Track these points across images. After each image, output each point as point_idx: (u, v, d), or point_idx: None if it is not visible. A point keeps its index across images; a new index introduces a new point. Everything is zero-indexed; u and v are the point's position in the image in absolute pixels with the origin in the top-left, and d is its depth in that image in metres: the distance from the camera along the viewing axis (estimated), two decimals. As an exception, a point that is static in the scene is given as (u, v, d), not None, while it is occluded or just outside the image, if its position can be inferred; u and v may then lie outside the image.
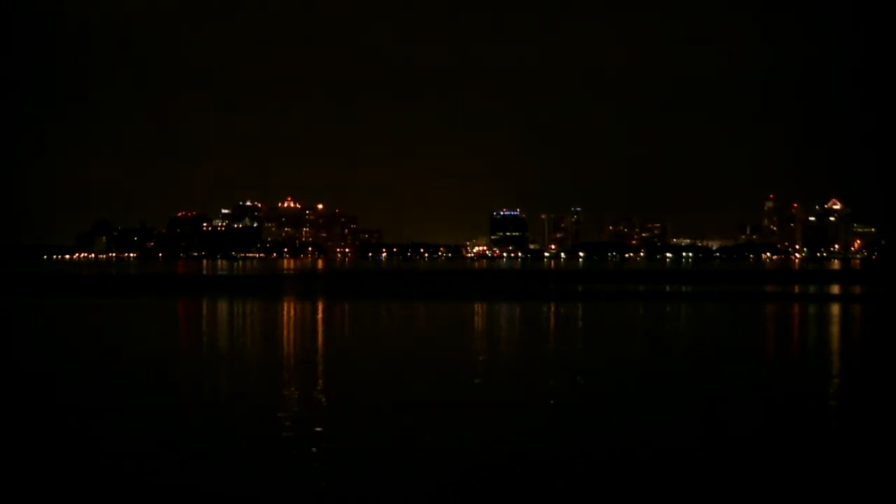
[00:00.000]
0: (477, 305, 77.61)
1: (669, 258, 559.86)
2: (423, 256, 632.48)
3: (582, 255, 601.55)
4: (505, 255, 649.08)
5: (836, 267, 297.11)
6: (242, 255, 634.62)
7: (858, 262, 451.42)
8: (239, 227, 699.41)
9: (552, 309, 73.29)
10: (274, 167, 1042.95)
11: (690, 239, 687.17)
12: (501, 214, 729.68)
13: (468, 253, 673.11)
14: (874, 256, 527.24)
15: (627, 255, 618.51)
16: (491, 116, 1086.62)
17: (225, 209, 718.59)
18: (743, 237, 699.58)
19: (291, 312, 69.08)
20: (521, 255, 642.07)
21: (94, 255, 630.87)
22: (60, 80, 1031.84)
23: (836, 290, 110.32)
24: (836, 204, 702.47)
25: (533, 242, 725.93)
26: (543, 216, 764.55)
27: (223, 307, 76.59)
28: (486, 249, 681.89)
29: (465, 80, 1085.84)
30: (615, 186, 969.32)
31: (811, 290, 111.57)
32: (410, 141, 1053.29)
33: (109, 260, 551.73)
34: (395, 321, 62.37)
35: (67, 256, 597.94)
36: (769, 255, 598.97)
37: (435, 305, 78.98)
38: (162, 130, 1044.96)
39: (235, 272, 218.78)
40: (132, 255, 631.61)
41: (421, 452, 21.30)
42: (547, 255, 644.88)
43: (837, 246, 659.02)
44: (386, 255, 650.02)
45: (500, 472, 19.62)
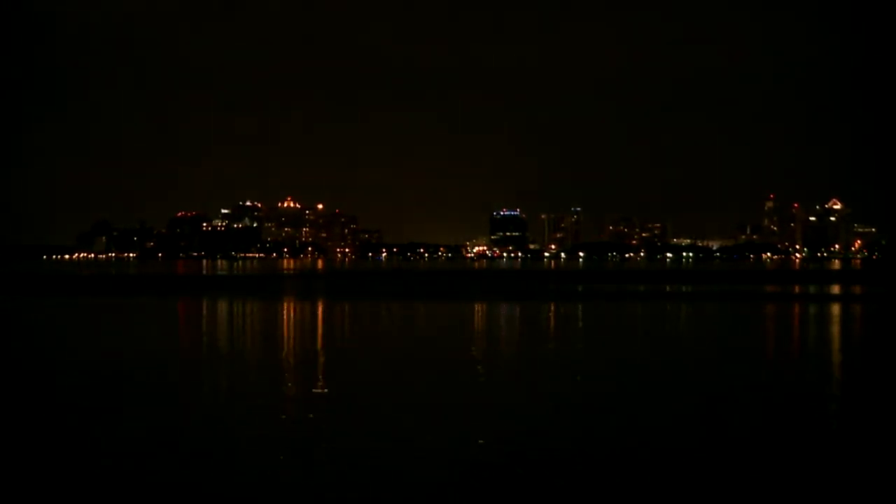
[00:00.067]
0: (477, 305, 77.60)
1: (669, 258, 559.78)
2: (423, 256, 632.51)
3: (582, 255, 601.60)
4: (505, 255, 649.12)
5: (836, 267, 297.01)
6: (242, 255, 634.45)
7: (859, 262, 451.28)
8: (239, 227, 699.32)
9: (552, 309, 73.28)
10: (274, 167, 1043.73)
11: (690, 239, 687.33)
12: (501, 214, 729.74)
13: (468, 253, 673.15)
14: (875, 256, 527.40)
15: (627, 255, 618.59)
16: (491, 116, 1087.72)
17: (225, 209, 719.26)
18: (743, 237, 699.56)
19: (291, 312, 69.08)
20: (521, 255, 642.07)
21: (93, 255, 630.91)
22: (60, 80, 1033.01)
23: (836, 290, 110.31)
24: (836, 204, 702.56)
25: (533, 242, 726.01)
26: (543, 216, 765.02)
27: (223, 307, 76.59)
28: (486, 249, 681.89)
29: (465, 80, 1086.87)
30: (615, 186, 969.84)
31: (811, 290, 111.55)
32: (410, 141, 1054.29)
33: (109, 260, 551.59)
34: (395, 321, 62.37)
35: (67, 256, 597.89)
36: (769, 255, 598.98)
37: (435, 305, 78.97)
38: (162, 130, 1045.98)
39: (235, 272, 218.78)
40: (132, 255, 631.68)
41: (421, 452, 21.29)
42: (547, 255, 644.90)
43: (838, 246, 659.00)
44: (386, 255, 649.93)
45: (500, 472, 19.61)
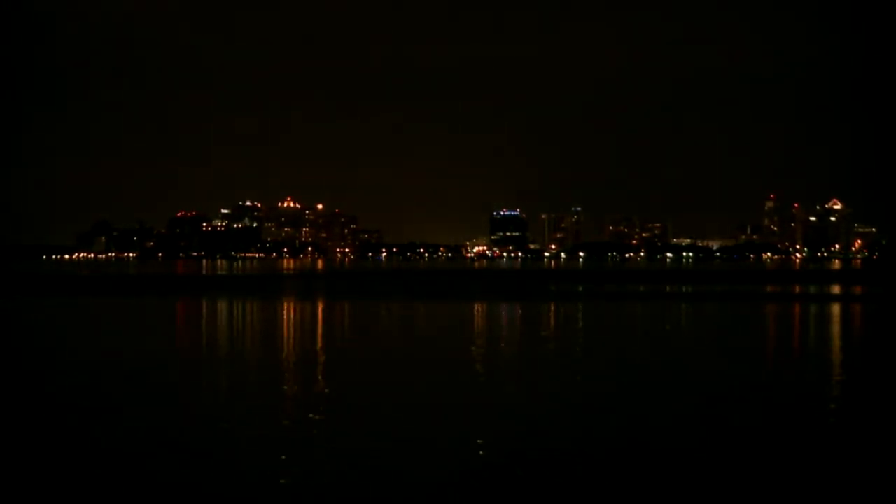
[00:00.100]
0: (477, 305, 77.59)
1: (670, 258, 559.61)
2: (423, 256, 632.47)
3: (582, 255, 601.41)
4: (505, 255, 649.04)
5: (836, 267, 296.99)
6: (242, 255, 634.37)
7: (859, 262, 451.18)
8: (238, 227, 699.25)
9: (552, 309, 73.27)
10: (274, 167, 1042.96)
11: (691, 239, 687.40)
12: (501, 214, 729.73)
13: (468, 253, 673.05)
14: (875, 256, 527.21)
15: (628, 255, 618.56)
16: (491, 116, 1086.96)
17: (225, 209, 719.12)
18: (743, 237, 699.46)
19: (291, 312, 69.08)
20: (521, 255, 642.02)
21: (93, 255, 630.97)
22: (60, 80, 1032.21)
23: (836, 290, 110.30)
24: (836, 204, 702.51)
25: (533, 242, 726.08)
26: (543, 216, 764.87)
27: (223, 307, 76.58)
28: (486, 249, 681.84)
29: (465, 80, 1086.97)
30: (615, 186, 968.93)
31: (812, 290, 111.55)
32: (410, 141, 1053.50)
33: (109, 260, 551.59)
34: (395, 321, 62.36)
35: (67, 256, 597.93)
36: (770, 255, 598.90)
37: (435, 305, 78.96)
38: (162, 130, 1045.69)
39: (235, 272, 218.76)
40: (132, 255, 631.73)
41: (421, 452, 21.30)
42: (547, 255, 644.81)
43: (838, 246, 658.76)
44: (386, 255, 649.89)
45: (500, 472, 19.61)
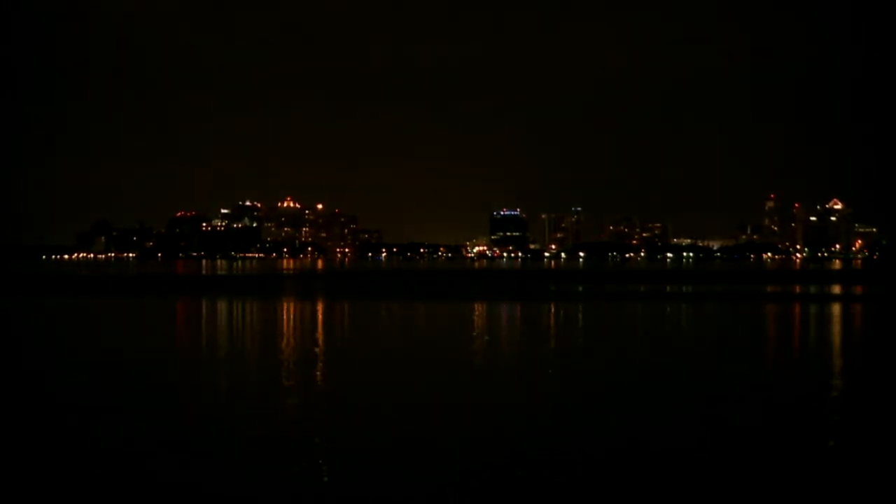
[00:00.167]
0: (477, 305, 77.58)
1: (670, 258, 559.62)
2: (423, 256, 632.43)
3: (582, 255, 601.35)
4: (505, 255, 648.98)
5: (837, 267, 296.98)
6: (242, 255, 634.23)
7: (860, 262, 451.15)
8: (238, 227, 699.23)
9: (552, 309, 73.27)
10: (274, 167, 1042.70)
11: (691, 239, 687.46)
12: (501, 214, 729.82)
13: (468, 253, 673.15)
14: (875, 256, 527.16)
15: (628, 255, 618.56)
16: (491, 116, 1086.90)
17: (224, 209, 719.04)
18: (744, 237, 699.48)
19: (291, 312, 69.07)
20: (521, 255, 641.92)
21: (93, 255, 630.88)
22: (60, 80, 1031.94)
23: (836, 290, 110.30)
24: (837, 204, 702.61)
25: (533, 242, 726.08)
26: (543, 216, 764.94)
27: (223, 307, 76.57)
28: (486, 249, 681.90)
29: (465, 79, 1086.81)
30: (615, 186, 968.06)
31: (812, 290, 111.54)
32: (410, 141, 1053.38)
33: (108, 260, 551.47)
34: (395, 321, 62.36)
35: (66, 256, 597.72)
36: (770, 255, 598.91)
37: (435, 305, 78.95)
38: (162, 130, 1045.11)
39: (235, 272, 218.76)
40: (131, 255, 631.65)
41: (421, 452, 21.29)
42: (547, 255, 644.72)
43: (839, 246, 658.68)
44: (386, 255, 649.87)
45: (500, 472, 19.61)
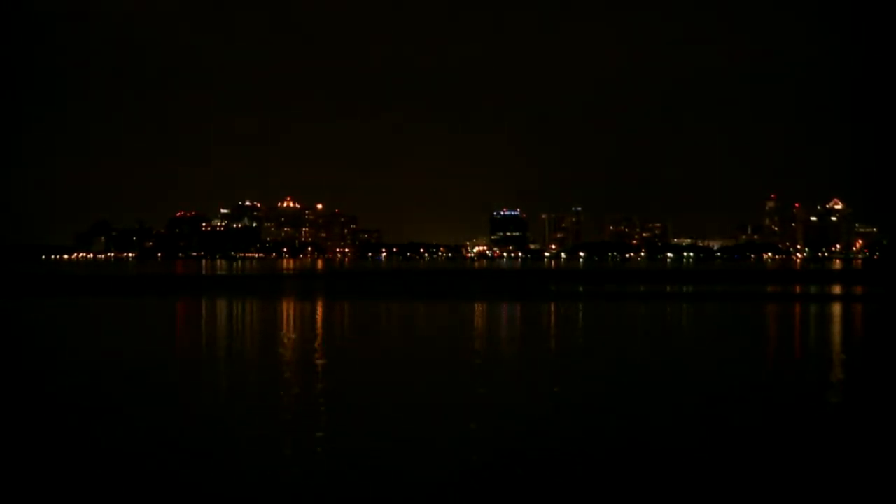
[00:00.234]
0: (477, 305, 77.57)
1: (670, 258, 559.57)
2: (423, 256, 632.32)
3: (582, 255, 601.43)
4: (505, 255, 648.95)
5: (837, 267, 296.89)
6: (241, 255, 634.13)
7: (860, 262, 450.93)
8: (238, 226, 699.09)
9: (552, 309, 73.25)
10: (274, 167, 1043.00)
11: (691, 239, 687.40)
12: (501, 214, 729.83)
13: (468, 253, 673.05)
14: (876, 256, 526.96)
15: (628, 255, 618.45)
16: (491, 116, 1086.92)
17: (224, 209, 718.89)
18: (744, 237, 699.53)
19: (291, 312, 69.06)
20: (521, 255, 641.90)
21: (92, 255, 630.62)
22: (60, 80, 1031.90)
23: (837, 290, 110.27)
24: (837, 204, 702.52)
25: (533, 242, 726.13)
26: (544, 216, 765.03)
27: (222, 307, 76.56)
28: (486, 249, 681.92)
29: (465, 80, 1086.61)
30: (615, 186, 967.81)
31: (812, 290, 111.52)
32: (410, 141, 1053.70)
33: (108, 260, 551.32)
34: (394, 321, 62.35)
35: (66, 257, 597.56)
36: (771, 255, 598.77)
37: (435, 305, 78.94)
38: (162, 130, 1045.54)
39: (234, 272, 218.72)
40: (131, 255, 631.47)
41: (421, 452, 21.29)
42: (547, 255, 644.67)
43: (839, 246, 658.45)
44: (386, 255, 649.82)
45: (500, 472, 19.60)
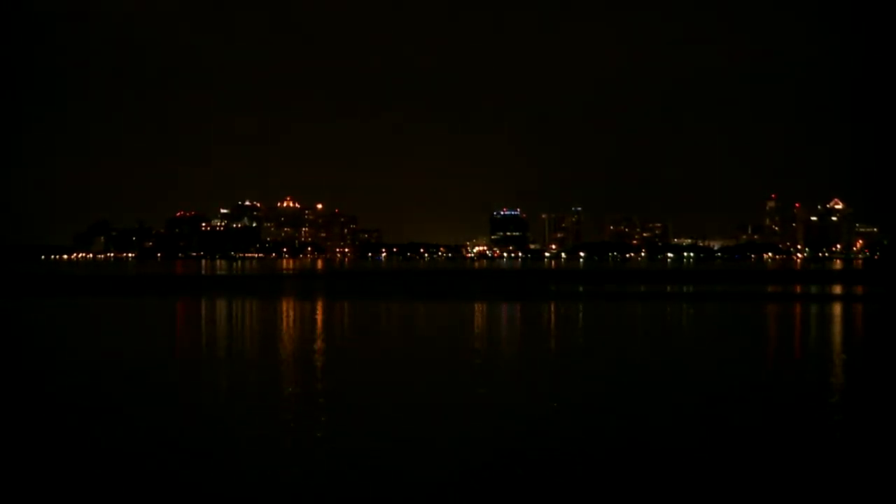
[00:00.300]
0: (477, 305, 77.58)
1: (671, 258, 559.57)
2: (423, 256, 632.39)
3: (583, 255, 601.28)
4: (505, 255, 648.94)
5: (838, 267, 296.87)
6: (241, 255, 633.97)
7: (860, 262, 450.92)
8: (238, 226, 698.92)
9: (552, 309, 73.26)
10: (274, 167, 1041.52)
11: (692, 239, 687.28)
12: (501, 214, 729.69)
13: (468, 253, 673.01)
14: (876, 256, 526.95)
15: (628, 255, 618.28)
16: (491, 116, 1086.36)
17: (224, 209, 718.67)
18: (744, 237, 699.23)
19: (291, 312, 69.07)
20: (521, 255, 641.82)
21: (91, 255, 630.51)
22: (60, 80, 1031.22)
23: (837, 290, 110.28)
24: (838, 204, 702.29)
25: (533, 242, 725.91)
26: (544, 216, 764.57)
27: (222, 307, 76.57)
28: (486, 249, 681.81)
29: (465, 80, 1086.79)
30: (615, 186, 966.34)
31: (813, 290, 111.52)
32: (410, 141, 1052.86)
33: (108, 260, 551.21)
34: (395, 321, 62.36)
35: (65, 256, 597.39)
36: (771, 255, 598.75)
37: (435, 305, 78.95)
38: (162, 130, 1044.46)
39: (234, 272, 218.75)
40: (130, 255, 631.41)
41: (421, 452, 21.29)
42: (547, 255, 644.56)
43: (840, 246, 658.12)
44: (386, 255, 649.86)
45: (500, 472, 19.60)
